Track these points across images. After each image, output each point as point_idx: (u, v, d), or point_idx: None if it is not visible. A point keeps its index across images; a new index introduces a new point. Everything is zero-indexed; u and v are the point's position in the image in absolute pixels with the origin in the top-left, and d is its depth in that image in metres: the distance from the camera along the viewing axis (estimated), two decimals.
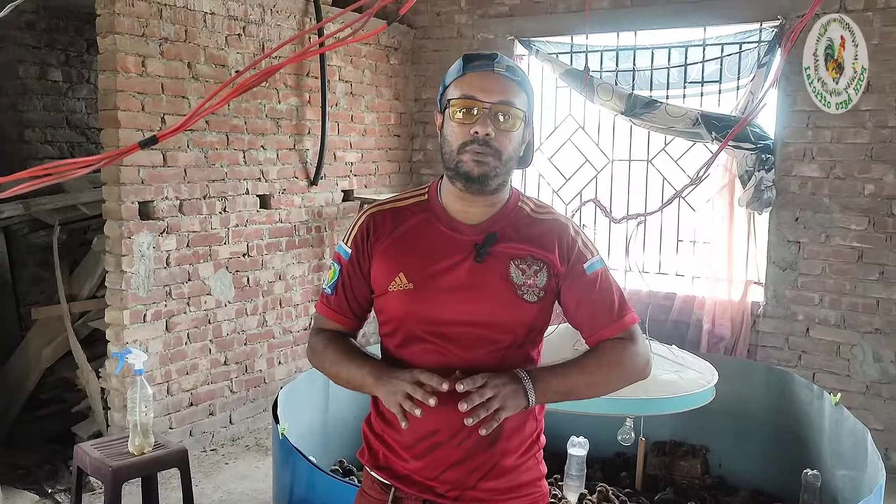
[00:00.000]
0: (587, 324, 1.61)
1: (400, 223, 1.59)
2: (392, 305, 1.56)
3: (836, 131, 4.29)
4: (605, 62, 5.03)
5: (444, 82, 1.59)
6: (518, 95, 1.52)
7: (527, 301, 1.53)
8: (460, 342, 1.51)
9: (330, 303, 1.64)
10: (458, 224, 1.57)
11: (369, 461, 1.63)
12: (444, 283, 1.52)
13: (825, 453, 3.30)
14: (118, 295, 3.83)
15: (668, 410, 2.85)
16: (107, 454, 2.90)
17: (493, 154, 1.49)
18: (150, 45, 3.84)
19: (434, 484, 1.54)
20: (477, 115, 1.49)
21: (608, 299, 1.61)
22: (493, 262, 1.54)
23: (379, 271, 1.57)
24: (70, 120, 5.20)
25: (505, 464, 1.55)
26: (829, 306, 4.38)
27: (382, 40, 5.36)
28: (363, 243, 1.60)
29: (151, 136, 1.27)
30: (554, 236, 1.59)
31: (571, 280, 1.59)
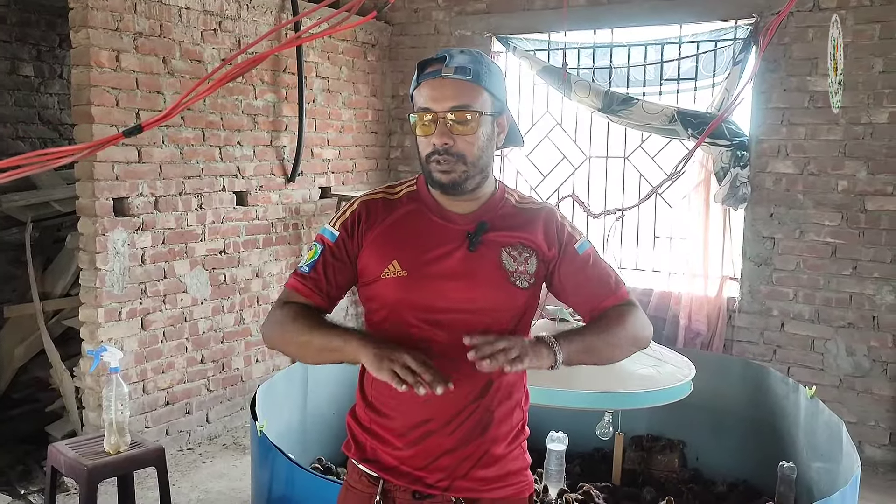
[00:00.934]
0: (588, 299, 1.64)
1: (391, 212, 1.60)
2: (385, 292, 1.55)
3: (810, 128, 4.35)
4: (583, 59, 5.05)
5: (410, 91, 1.61)
6: (473, 95, 1.51)
7: (519, 287, 1.56)
8: (452, 329, 1.50)
9: (305, 280, 1.59)
10: (449, 214, 1.59)
11: (356, 454, 1.62)
12: (439, 271, 1.53)
13: (800, 446, 3.34)
14: (92, 293, 3.78)
15: (645, 404, 2.87)
16: (82, 453, 2.86)
17: (458, 160, 1.51)
18: (124, 39, 3.79)
19: (423, 474, 1.54)
20: (435, 127, 1.51)
21: (605, 273, 1.65)
22: (486, 250, 1.56)
23: (370, 259, 1.57)
24: (42, 115, 5.13)
25: (495, 452, 1.57)
26: (803, 301, 4.43)
27: (360, 37, 5.34)
28: (354, 228, 1.59)
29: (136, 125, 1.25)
30: (540, 223, 1.62)
31: (566, 261, 1.62)
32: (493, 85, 1.55)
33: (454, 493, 1.55)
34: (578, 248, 1.63)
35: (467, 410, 1.53)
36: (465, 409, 1.53)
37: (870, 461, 4.13)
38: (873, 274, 4.23)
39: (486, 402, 1.54)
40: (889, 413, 4.23)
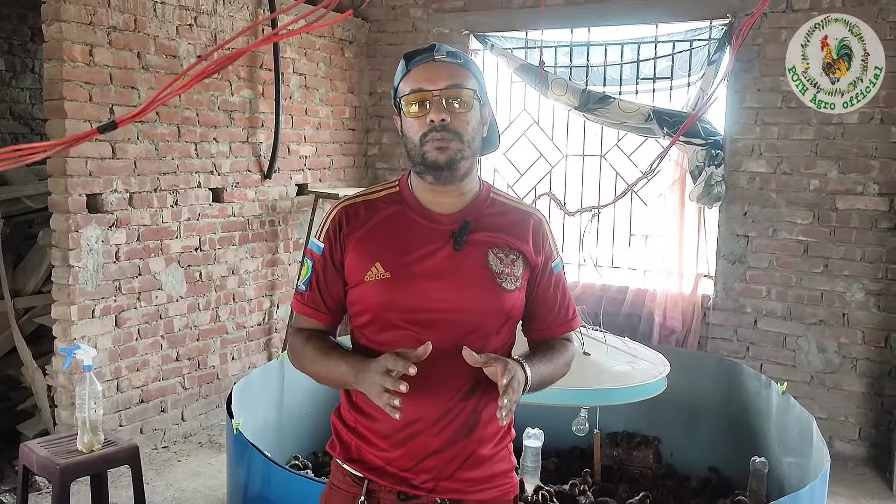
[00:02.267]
0: (541, 319, 1.67)
1: (373, 214, 1.58)
2: (368, 295, 1.54)
3: (783, 128, 4.40)
4: (560, 58, 5.07)
5: (394, 85, 1.60)
6: (465, 77, 1.54)
7: (506, 289, 1.55)
8: (437, 329, 1.50)
9: (304, 299, 1.61)
10: (433, 214, 1.57)
11: (341, 454, 1.60)
12: (423, 271, 1.52)
13: (772, 441, 3.39)
14: (65, 290, 3.74)
15: (621, 401, 2.90)
16: (54, 452, 2.83)
17: (454, 137, 1.50)
18: (97, 33, 3.74)
19: (409, 475, 1.54)
20: (430, 105, 1.50)
21: (565, 300, 1.69)
22: (472, 249, 1.55)
23: (353, 262, 1.56)
24: (14, 110, 5.05)
25: (481, 453, 1.56)
26: (776, 299, 4.49)
27: (337, 33, 5.32)
28: (335, 236, 1.58)
29: (111, 122, 1.24)
30: (528, 228, 1.62)
31: (542, 277, 1.64)
32: (479, 75, 1.58)
33: (439, 495, 1.54)
34: (554, 267, 1.66)
35: (454, 412, 1.52)
36: (452, 411, 1.52)
37: (839, 456, 4.20)
38: (843, 272, 4.30)
39: (473, 404, 1.53)
40: (859, 409, 4.30)
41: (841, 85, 3.07)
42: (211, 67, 1.37)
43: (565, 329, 1.70)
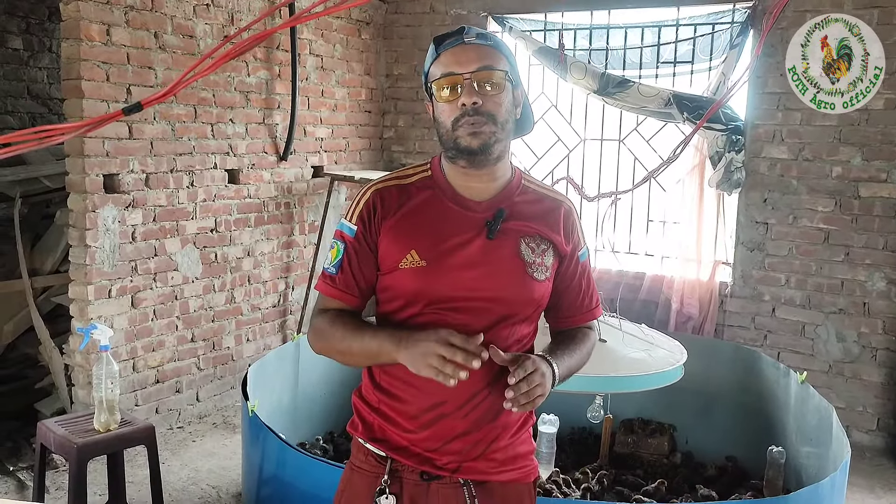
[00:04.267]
0: (566, 307, 1.67)
1: (406, 200, 1.56)
2: (403, 282, 1.53)
3: (806, 114, 4.33)
4: (579, 41, 5.01)
5: (424, 70, 1.58)
6: (496, 58, 1.51)
7: (536, 279, 1.55)
8: (469, 316, 1.50)
9: (335, 282, 1.57)
10: (466, 200, 1.56)
11: (363, 433, 1.59)
12: (458, 261, 1.51)
13: (790, 430, 3.36)
14: (82, 270, 3.75)
15: (637, 388, 2.88)
16: (71, 431, 2.85)
17: (488, 120, 1.48)
18: (115, 13, 3.73)
19: (434, 455, 1.53)
20: (461, 89, 1.48)
21: (589, 289, 1.69)
22: (504, 239, 1.54)
23: (388, 248, 1.54)
24: (31, 90, 5.06)
25: (505, 436, 1.56)
26: (794, 287, 4.44)
27: (354, 14, 5.28)
28: (370, 219, 1.55)
29: (136, 104, 1.22)
30: (559, 216, 1.61)
31: (569, 265, 1.64)
32: (510, 56, 1.56)
33: (462, 475, 1.54)
34: (580, 256, 1.66)
35: (481, 395, 1.51)
36: (479, 394, 1.51)
37: (858, 446, 4.16)
38: (865, 260, 4.24)
39: (500, 388, 1.50)
40: (877, 399, 4.26)
41: (841, 85, 3.01)
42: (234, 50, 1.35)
43: (589, 318, 1.70)
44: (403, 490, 1.55)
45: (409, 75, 5.58)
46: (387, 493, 1.53)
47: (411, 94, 5.59)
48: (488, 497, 1.56)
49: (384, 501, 1.53)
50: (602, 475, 3.32)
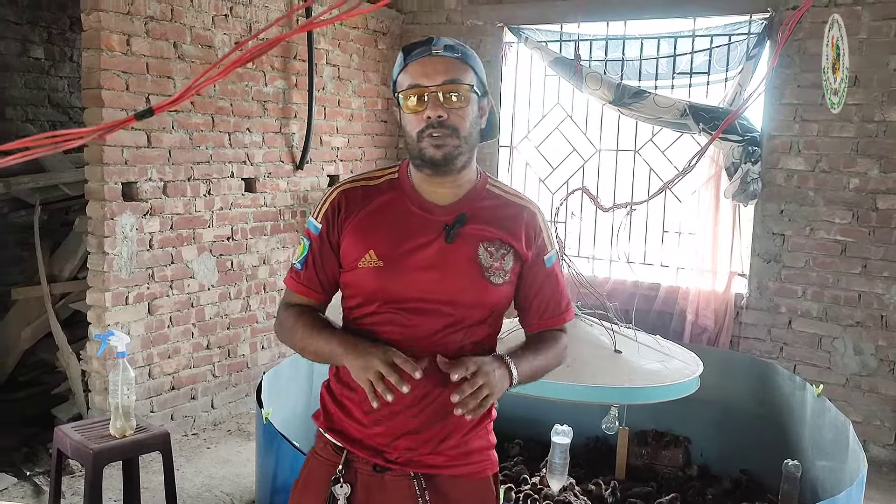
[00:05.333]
0: (535, 311, 1.70)
1: (371, 200, 1.61)
2: (361, 281, 1.58)
3: (823, 125, 4.31)
4: (595, 51, 5.02)
5: (393, 78, 1.61)
6: (462, 71, 1.54)
7: (493, 283, 1.58)
8: (424, 317, 1.55)
9: (300, 277, 1.64)
10: (429, 204, 1.60)
11: (324, 423, 1.66)
12: (414, 263, 1.55)
13: (806, 444, 3.33)
14: (100, 276, 3.79)
15: (653, 400, 2.86)
16: (88, 437, 2.87)
17: (452, 133, 1.52)
18: (135, 23, 3.78)
19: (385, 450, 1.58)
20: (426, 101, 1.52)
21: (558, 293, 1.70)
22: (463, 243, 1.57)
23: (349, 247, 1.59)
24: (52, 98, 5.12)
25: (456, 435, 1.60)
26: (811, 299, 4.41)
27: (371, 24, 5.31)
28: (334, 218, 1.61)
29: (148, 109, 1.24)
30: (522, 222, 1.64)
31: (532, 268, 1.65)
32: (478, 67, 1.58)
33: (413, 469, 1.59)
34: (547, 260, 1.67)
35: (432, 395, 1.55)
36: (430, 395, 1.55)
37: (874, 461, 4.12)
38: (883, 273, 4.21)
39: (452, 389, 1.53)
40: (895, 413, 4.21)
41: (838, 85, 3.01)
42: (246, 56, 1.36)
43: (559, 321, 1.71)
44: (358, 479, 1.60)
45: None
46: (341, 482, 1.59)
47: None
48: (438, 491, 1.60)
49: (339, 490, 1.59)
50: (616, 487, 3.30)
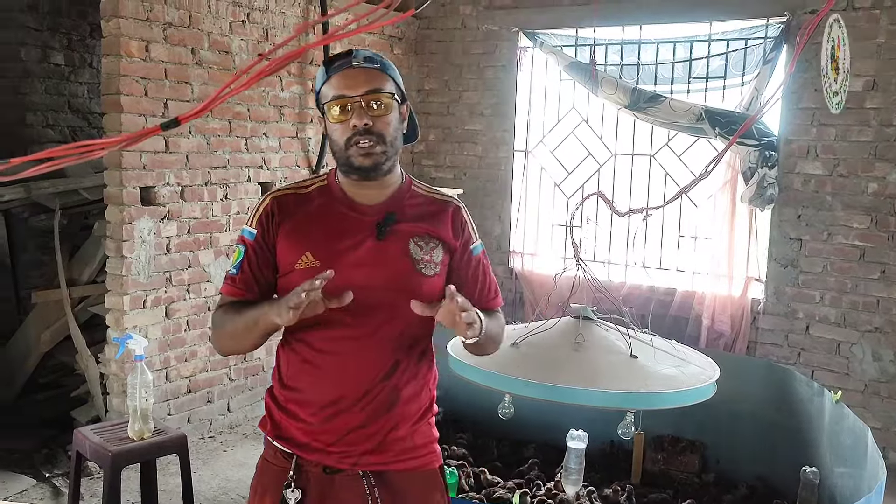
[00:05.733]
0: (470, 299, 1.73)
1: (303, 206, 1.68)
2: (299, 282, 1.58)
3: (841, 129, 4.29)
4: (610, 56, 5.01)
5: (316, 89, 1.69)
6: (383, 80, 1.63)
7: (425, 275, 1.66)
8: (363, 313, 1.61)
9: (235, 282, 1.69)
10: (359, 206, 1.68)
11: (271, 432, 1.70)
12: (349, 260, 1.62)
13: (824, 451, 3.30)
14: (118, 280, 3.82)
15: (669, 405, 2.85)
16: (106, 439, 2.90)
17: (378, 140, 1.60)
18: (153, 29, 3.82)
19: (333, 450, 1.64)
20: (351, 110, 1.59)
21: (486, 281, 1.80)
22: (394, 239, 1.65)
23: (285, 250, 1.66)
24: (72, 104, 5.18)
25: (401, 428, 1.67)
26: (829, 304, 4.38)
27: (387, 30, 5.34)
28: (268, 224, 1.67)
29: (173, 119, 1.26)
30: (448, 216, 1.74)
31: (461, 260, 1.75)
32: (396, 76, 1.68)
33: (361, 468, 1.64)
34: (473, 250, 1.76)
35: (376, 389, 1.63)
36: (374, 389, 1.63)
37: (893, 467, 4.06)
38: None
39: (394, 382, 1.64)
40: None
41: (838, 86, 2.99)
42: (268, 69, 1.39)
43: (495, 304, 1.81)
44: (310, 483, 1.65)
45: (440, 90, 5.63)
46: (292, 487, 1.64)
47: (442, 109, 5.63)
48: (388, 486, 1.66)
49: (290, 494, 1.64)
50: (631, 492, 3.29)
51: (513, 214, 5.47)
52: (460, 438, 3.60)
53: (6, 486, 3.58)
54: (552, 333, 2.86)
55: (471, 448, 3.54)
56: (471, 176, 5.58)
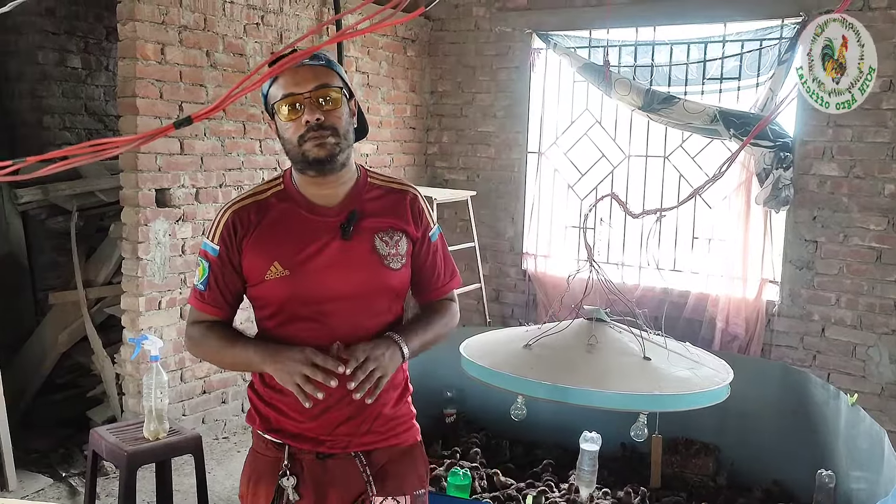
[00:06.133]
0: (425, 284, 1.83)
1: (263, 215, 1.69)
2: (270, 292, 1.68)
3: (857, 130, 4.25)
4: (624, 57, 5.00)
5: (263, 92, 1.69)
6: (330, 76, 1.64)
7: (393, 269, 1.71)
8: (340, 314, 1.66)
9: (204, 298, 1.73)
10: (319, 208, 1.70)
11: (262, 426, 1.75)
12: (318, 264, 1.65)
13: (840, 454, 3.28)
14: (134, 281, 3.85)
15: (682, 407, 2.83)
16: (122, 439, 2.92)
17: (331, 133, 1.63)
18: (169, 32, 3.85)
19: (326, 438, 1.70)
20: (301, 107, 1.61)
21: (444, 264, 1.85)
22: (360, 237, 1.68)
23: (252, 263, 1.68)
24: (88, 107, 5.22)
25: (385, 412, 1.75)
26: (845, 306, 4.34)
27: (400, 32, 5.35)
28: (230, 239, 1.69)
29: (186, 117, 1.27)
30: (406, 205, 1.77)
31: (421, 247, 1.78)
32: (341, 72, 1.69)
33: (353, 449, 1.72)
34: (431, 236, 1.80)
35: None
36: None
37: None
38: None
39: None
40: None
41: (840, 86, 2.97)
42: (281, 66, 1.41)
43: (448, 289, 1.86)
44: (304, 469, 1.71)
45: (453, 92, 5.63)
46: (287, 475, 1.70)
47: (455, 111, 5.64)
48: (377, 463, 1.74)
49: (286, 482, 1.69)
50: (645, 495, 3.28)
51: (526, 216, 5.46)
52: (474, 439, 3.60)
53: (24, 486, 3.62)
54: (565, 335, 2.85)
55: (484, 449, 3.53)
56: (484, 178, 5.58)
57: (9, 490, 3.54)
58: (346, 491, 1.73)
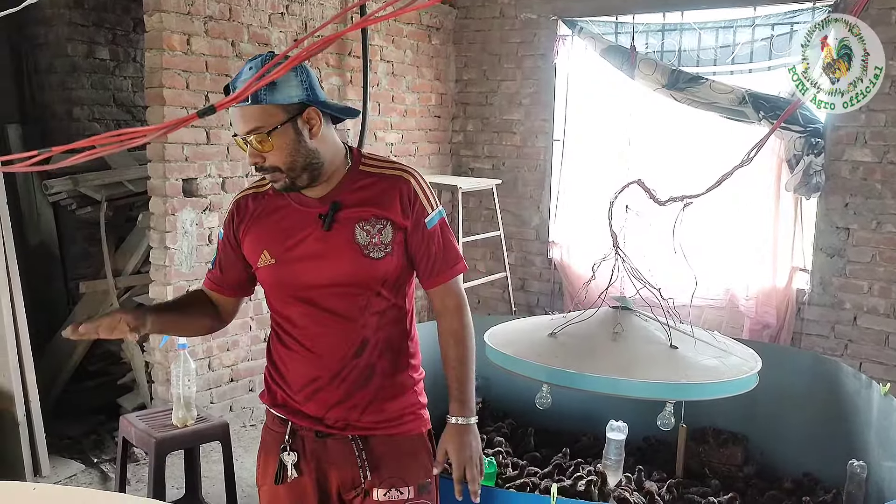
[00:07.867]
0: (424, 270, 1.82)
1: (259, 206, 1.79)
2: (264, 279, 1.80)
3: (891, 115, 4.16)
4: (650, 43, 4.92)
5: None
6: (258, 116, 1.60)
7: (374, 258, 1.71)
8: (326, 300, 1.72)
9: (211, 276, 1.88)
10: (306, 199, 1.75)
11: (269, 400, 1.84)
12: (299, 254, 1.72)
13: (872, 444, 3.22)
14: (162, 271, 3.89)
15: (710, 396, 2.80)
16: (151, 426, 2.96)
17: (274, 170, 1.66)
18: (195, 23, 3.87)
19: (324, 417, 1.77)
20: (246, 145, 1.65)
21: (443, 251, 1.81)
22: (340, 228, 1.71)
23: (248, 250, 1.79)
24: (117, 98, 5.27)
25: (382, 399, 1.78)
26: (878, 295, 4.26)
27: (424, 20, 5.33)
28: (230, 226, 1.82)
29: (209, 106, 1.28)
30: (395, 193, 1.74)
31: (415, 234, 1.77)
32: (279, 93, 1.60)
33: (350, 432, 1.77)
34: (428, 223, 1.77)
35: (348, 367, 1.74)
36: (346, 368, 1.74)
37: None
38: None
39: (366, 359, 1.75)
40: None
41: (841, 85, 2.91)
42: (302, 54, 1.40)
43: (449, 276, 1.82)
44: (305, 446, 1.79)
45: (478, 80, 5.60)
46: (288, 451, 1.77)
47: (480, 99, 5.61)
48: (374, 450, 1.78)
49: (287, 457, 1.77)
50: (672, 485, 3.25)
51: (552, 204, 5.43)
52: (501, 427, 3.60)
53: (57, 471, 3.69)
54: (591, 323, 2.84)
55: (510, 437, 3.53)
56: (509, 166, 5.55)
57: (42, 475, 3.61)
58: (345, 473, 1.78)
